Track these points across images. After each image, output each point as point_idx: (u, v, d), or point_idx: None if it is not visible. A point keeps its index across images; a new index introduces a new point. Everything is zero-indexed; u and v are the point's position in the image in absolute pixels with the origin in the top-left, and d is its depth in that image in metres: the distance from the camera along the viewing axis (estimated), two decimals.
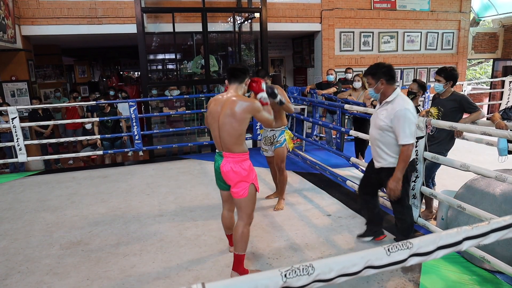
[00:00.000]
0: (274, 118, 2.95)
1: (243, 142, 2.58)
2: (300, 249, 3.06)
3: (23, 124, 5.64)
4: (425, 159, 3.06)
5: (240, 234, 2.58)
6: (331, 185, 4.59)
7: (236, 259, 2.63)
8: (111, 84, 11.05)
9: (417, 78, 9.33)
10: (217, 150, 2.67)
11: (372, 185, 3.03)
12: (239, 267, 2.64)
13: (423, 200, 3.54)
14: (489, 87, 11.02)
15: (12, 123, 5.32)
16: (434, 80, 3.44)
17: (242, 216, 2.61)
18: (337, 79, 6.87)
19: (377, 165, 2.83)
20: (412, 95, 3.93)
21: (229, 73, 2.60)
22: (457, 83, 3.56)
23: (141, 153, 7.89)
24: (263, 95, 2.64)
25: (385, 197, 4.08)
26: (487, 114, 9.21)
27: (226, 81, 2.65)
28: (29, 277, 2.77)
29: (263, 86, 2.65)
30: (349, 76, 6.78)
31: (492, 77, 11.11)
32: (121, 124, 6.93)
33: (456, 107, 3.30)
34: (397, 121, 2.58)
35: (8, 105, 5.90)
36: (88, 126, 6.49)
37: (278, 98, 3.02)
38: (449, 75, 3.33)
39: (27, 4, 6.57)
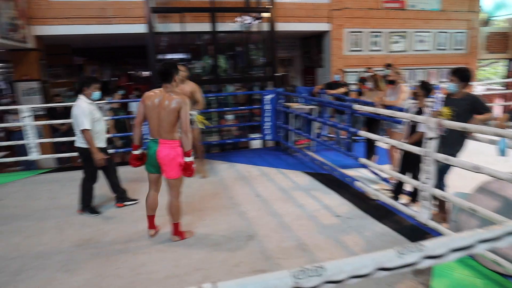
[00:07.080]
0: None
1: (176, 131, 3.02)
2: (309, 249, 3.06)
3: (35, 123, 5.72)
4: (436, 161, 3.02)
5: (175, 207, 3.15)
6: (340, 186, 4.56)
7: (174, 227, 3.24)
8: (120, 84, 11.13)
9: (427, 78, 9.25)
10: (151, 138, 3.06)
11: None
12: (177, 232, 3.26)
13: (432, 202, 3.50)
14: (503, 88, 10.83)
15: (24, 122, 5.40)
16: (447, 80, 3.41)
17: (173, 194, 3.13)
18: (358, 79, 6.80)
19: None
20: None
21: (160, 77, 2.95)
22: (469, 83, 3.52)
23: None
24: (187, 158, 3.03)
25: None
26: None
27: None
28: (41, 273, 2.82)
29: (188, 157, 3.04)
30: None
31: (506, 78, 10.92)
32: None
33: (469, 107, 3.26)
34: None
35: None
36: None
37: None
38: (463, 76, 3.30)
39: (38, 4, 6.65)
